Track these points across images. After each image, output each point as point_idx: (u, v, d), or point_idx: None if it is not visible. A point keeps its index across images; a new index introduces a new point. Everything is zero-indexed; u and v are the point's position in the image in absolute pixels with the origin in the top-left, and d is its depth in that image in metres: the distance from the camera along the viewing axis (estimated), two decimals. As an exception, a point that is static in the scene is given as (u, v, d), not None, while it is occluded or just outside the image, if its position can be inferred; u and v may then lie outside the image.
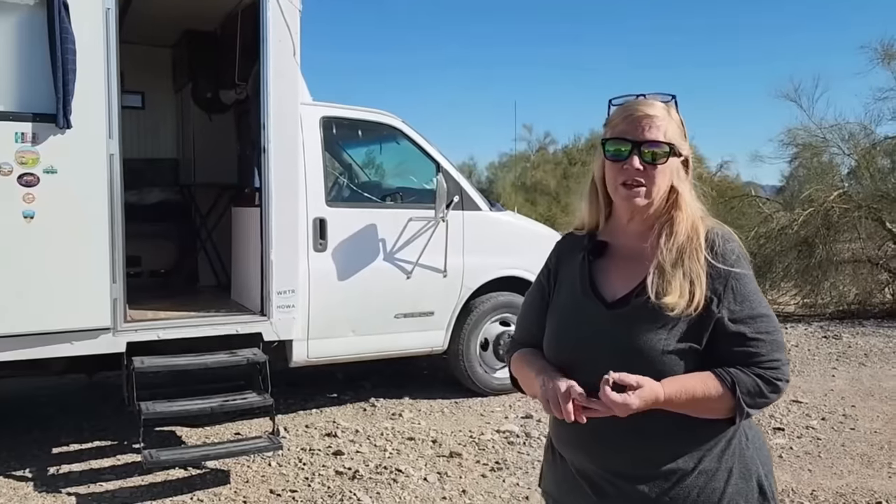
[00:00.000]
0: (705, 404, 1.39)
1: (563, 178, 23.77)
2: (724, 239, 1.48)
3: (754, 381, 1.40)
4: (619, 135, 1.47)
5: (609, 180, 1.51)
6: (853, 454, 4.51)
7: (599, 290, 1.52)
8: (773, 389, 1.42)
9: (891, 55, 10.41)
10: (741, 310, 1.42)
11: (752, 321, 1.42)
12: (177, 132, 6.75)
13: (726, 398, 1.39)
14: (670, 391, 1.36)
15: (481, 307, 5.59)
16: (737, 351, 1.41)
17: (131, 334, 4.19)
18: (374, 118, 5.43)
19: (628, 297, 1.47)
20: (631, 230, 1.53)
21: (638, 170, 1.45)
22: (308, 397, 5.63)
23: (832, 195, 10.09)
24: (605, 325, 1.46)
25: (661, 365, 1.39)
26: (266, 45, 4.45)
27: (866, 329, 8.81)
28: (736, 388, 1.39)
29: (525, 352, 1.62)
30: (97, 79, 3.90)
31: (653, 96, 1.50)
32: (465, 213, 5.47)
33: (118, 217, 4.03)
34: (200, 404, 4.20)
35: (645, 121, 1.45)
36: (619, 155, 1.46)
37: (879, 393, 5.89)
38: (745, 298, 1.43)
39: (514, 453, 4.51)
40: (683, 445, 1.43)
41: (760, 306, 1.44)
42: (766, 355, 1.42)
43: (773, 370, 1.42)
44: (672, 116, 1.49)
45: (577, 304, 1.53)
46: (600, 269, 1.55)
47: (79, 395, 5.63)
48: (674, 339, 1.40)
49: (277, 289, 4.55)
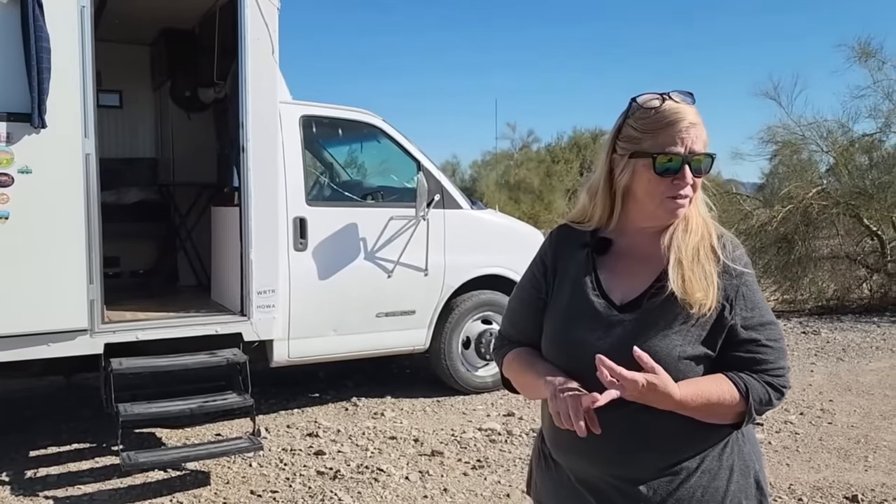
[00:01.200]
0: (717, 409, 1.38)
1: (546, 176, 23.88)
2: (733, 244, 1.47)
3: (764, 388, 1.40)
4: (665, 148, 1.39)
5: (651, 192, 1.42)
6: (830, 448, 4.57)
7: (607, 291, 1.47)
8: (778, 396, 1.42)
9: (867, 53, 10.53)
10: (752, 316, 1.42)
11: (763, 328, 1.42)
12: (155, 131, 6.70)
13: (739, 404, 1.39)
14: (686, 393, 1.33)
15: (463, 305, 5.60)
16: (747, 357, 1.41)
17: (109, 335, 4.15)
18: (355, 117, 5.42)
19: (640, 299, 1.43)
20: (645, 231, 1.48)
21: (689, 184, 1.41)
22: (290, 397, 5.61)
23: (811, 192, 10.19)
24: (616, 329, 1.41)
25: (677, 371, 1.35)
26: (244, 44, 4.42)
27: (844, 324, 8.90)
28: (749, 394, 1.38)
29: (522, 352, 1.55)
30: (72, 77, 3.87)
31: (677, 94, 1.43)
32: (446, 211, 5.48)
33: (95, 217, 3.99)
34: (180, 405, 4.17)
35: (692, 131, 1.39)
36: (670, 169, 1.40)
37: (857, 387, 5.96)
38: (755, 305, 1.43)
39: (495, 451, 4.52)
40: (687, 447, 1.42)
41: (769, 314, 1.44)
42: (775, 363, 1.42)
43: (780, 377, 1.42)
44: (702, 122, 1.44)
45: (584, 305, 1.46)
46: (606, 268, 1.49)
47: (56, 397, 5.57)
48: (690, 343, 1.38)
49: (257, 288, 4.53)
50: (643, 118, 1.42)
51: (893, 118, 10.66)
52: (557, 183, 23.68)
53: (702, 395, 1.36)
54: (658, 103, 1.42)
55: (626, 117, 1.45)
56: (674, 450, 1.42)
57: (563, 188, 23.18)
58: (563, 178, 23.94)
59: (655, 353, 1.35)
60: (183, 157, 6.36)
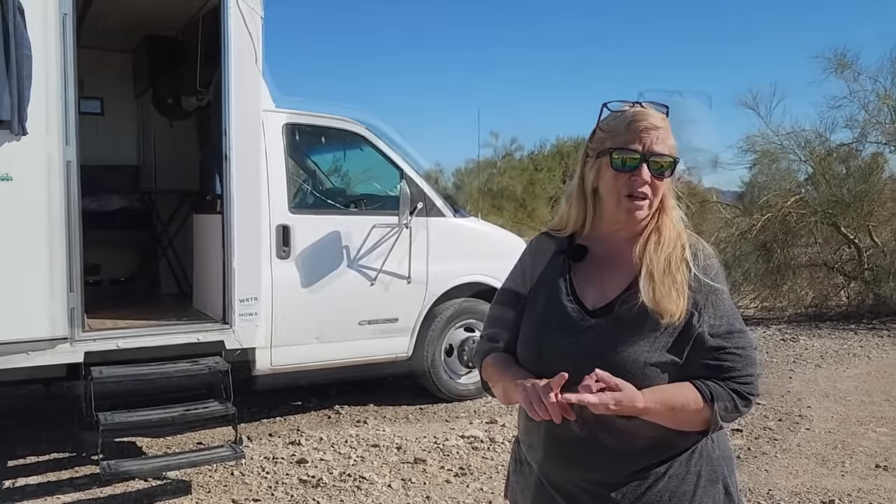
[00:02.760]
0: (682, 416, 1.40)
1: (529, 183, 24.00)
2: (705, 254, 1.49)
3: (729, 394, 1.42)
4: (624, 145, 1.44)
5: (611, 190, 1.47)
6: (808, 454, 4.62)
7: (580, 296, 1.50)
8: (745, 404, 1.44)
9: (843, 64, 10.66)
10: (720, 325, 1.44)
11: (730, 336, 1.44)
12: (137, 138, 6.66)
13: (704, 410, 1.41)
14: (650, 400, 1.36)
15: (446, 313, 5.61)
16: (713, 365, 1.43)
17: (90, 344, 4.12)
18: (338, 125, 5.43)
19: (612, 305, 1.45)
20: (618, 236, 1.51)
21: (646, 182, 1.44)
22: (272, 405, 5.59)
23: (790, 201, 10.31)
24: (587, 334, 1.44)
25: (643, 377, 1.38)
26: (227, 52, 4.41)
27: (822, 331, 8.99)
28: (714, 400, 1.40)
29: (498, 357, 1.58)
30: (54, 84, 3.85)
31: (649, 105, 1.48)
32: (429, 219, 5.49)
33: (75, 225, 3.97)
34: (161, 414, 4.15)
35: (653, 132, 1.43)
36: (626, 166, 1.44)
37: (834, 394, 6.04)
38: (724, 314, 1.45)
39: (478, 458, 4.53)
40: (655, 452, 1.44)
41: (737, 322, 1.46)
42: (742, 370, 1.44)
43: (747, 385, 1.44)
44: (669, 127, 1.48)
45: (557, 310, 1.49)
46: (581, 274, 1.53)
47: (36, 406, 5.51)
48: (656, 351, 1.41)
49: (240, 296, 4.51)
50: (610, 120, 1.49)
51: (869, 128, 10.81)
52: (540, 191, 23.81)
53: (666, 402, 1.38)
54: (626, 107, 1.48)
55: (598, 122, 1.52)
56: (642, 455, 1.44)
57: (545, 196, 23.30)
58: (546, 186, 24.08)
59: (623, 358, 1.39)
60: (165, 165, 6.33)
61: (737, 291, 10.37)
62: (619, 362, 1.38)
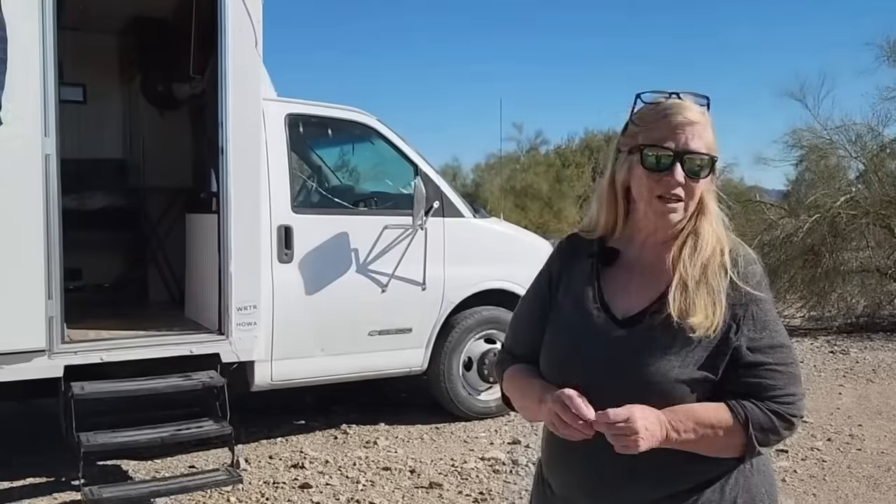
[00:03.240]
0: (713, 440, 1.38)
1: (555, 181, 24.03)
2: (746, 260, 1.47)
3: (768, 416, 1.39)
4: (657, 141, 1.43)
5: (642, 190, 1.46)
6: (859, 476, 4.62)
7: (609, 304, 1.50)
8: (787, 426, 1.42)
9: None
10: (761, 338, 1.42)
11: (772, 351, 1.42)
12: (124, 129, 6.67)
13: (737, 434, 1.38)
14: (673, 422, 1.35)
15: (464, 323, 5.58)
16: (752, 382, 1.40)
17: (70, 357, 4.12)
18: (346, 116, 5.43)
19: (642, 315, 1.45)
20: (651, 241, 1.51)
21: (679, 183, 1.42)
22: (273, 424, 5.57)
23: (839, 200, 10.29)
24: (614, 345, 1.44)
25: (671, 395, 1.38)
26: (224, 35, 4.42)
27: (875, 343, 8.99)
28: (749, 422, 1.38)
29: (522, 369, 1.59)
30: (32, 70, 3.85)
31: (687, 96, 1.46)
32: (445, 220, 5.47)
33: (55, 225, 3.96)
34: (149, 434, 4.17)
35: (689, 128, 1.42)
36: (658, 165, 1.43)
37: (887, 411, 6.02)
38: (765, 326, 1.43)
39: (499, 482, 4.49)
40: (681, 477, 1.43)
41: (780, 335, 1.44)
42: (783, 388, 1.41)
43: (788, 405, 1.41)
44: (709, 121, 1.46)
45: (584, 318, 1.50)
46: (611, 280, 1.53)
47: (10, 424, 5.47)
48: (688, 366, 1.39)
49: (237, 304, 4.51)
50: (643, 112, 1.48)
51: (926, 122, 10.76)
52: (568, 189, 23.85)
53: (692, 425, 1.36)
54: (662, 99, 1.47)
55: (630, 114, 1.51)
56: (666, 480, 1.42)
57: (573, 195, 23.34)
58: (574, 184, 24.10)
59: (650, 373, 1.39)
60: (154, 159, 6.34)
61: (782, 300, 10.39)
62: (645, 377, 1.39)
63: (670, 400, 1.37)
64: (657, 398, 1.36)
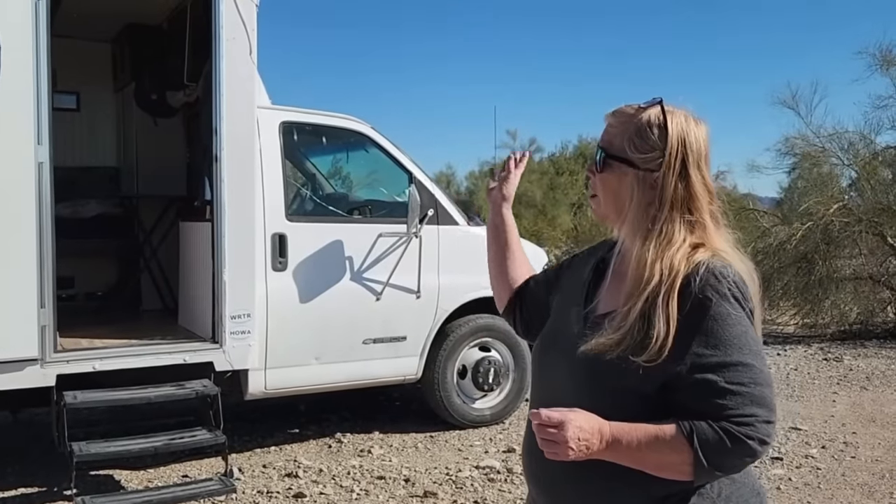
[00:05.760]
0: (657, 455, 1.31)
1: (549, 189, 24.00)
2: (713, 274, 1.36)
3: (718, 435, 1.29)
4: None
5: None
6: (854, 484, 4.61)
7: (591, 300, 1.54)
8: (742, 448, 1.29)
9: (889, 61, 10.68)
10: (712, 355, 1.32)
11: (724, 370, 1.31)
12: (117, 137, 6.68)
13: (683, 449, 1.29)
14: (617, 430, 1.32)
15: (458, 331, 5.56)
16: (701, 403, 1.31)
17: (62, 365, 4.10)
18: (341, 124, 5.42)
19: (604, 318, 1.45)
20: (623, 246, 1.53)
21: (587, 176, 1.54)
22: (266, 433, 5.56)
23: (832, 208, 10.32)
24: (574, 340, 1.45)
25: (608, 400, 1.35)
26: (219, 43, 4.42)
27: (868, 350, 9.00)
28: (694, 436, 1.29)
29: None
30: (25, 78, 3.85)
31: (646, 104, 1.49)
32: (440, 227, 5.46)
33: (48, 233, 3.96)
34: (142, 444, 4.16)
35: (606, 125, 1.52)
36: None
37: (881, 418, 6.02)
38: (720, 343, 1.33)
39: (494, 491, 4.47)
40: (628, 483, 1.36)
41: (738, 353, 1.32)
42: (737, 409, 1.30)
43: (744, 426, 1.29)
44: (636, 122, 1.44)
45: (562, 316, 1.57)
46: (601, 281, 1.57)
47: (1, 434, 5.44)
48: (634, 378, 1.34)
49: (231, 313, 4.50)
50: None
51: (919, 130, 10.82)
52: (562, 196, 23.82)
53: (634, 438, 1.31)
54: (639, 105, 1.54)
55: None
56: (612, 488, 1.38)
57: (567, 202, 23.29)
58: (568, 192, 24.06)
59: (595, 385, 1.39)
60: (148, 167, 6.33)
61: (775, 307, 10.41)
62: (589, 388, 1.40)
63: (617, 413, 1.33)
64: (599, 403, 1.33)
